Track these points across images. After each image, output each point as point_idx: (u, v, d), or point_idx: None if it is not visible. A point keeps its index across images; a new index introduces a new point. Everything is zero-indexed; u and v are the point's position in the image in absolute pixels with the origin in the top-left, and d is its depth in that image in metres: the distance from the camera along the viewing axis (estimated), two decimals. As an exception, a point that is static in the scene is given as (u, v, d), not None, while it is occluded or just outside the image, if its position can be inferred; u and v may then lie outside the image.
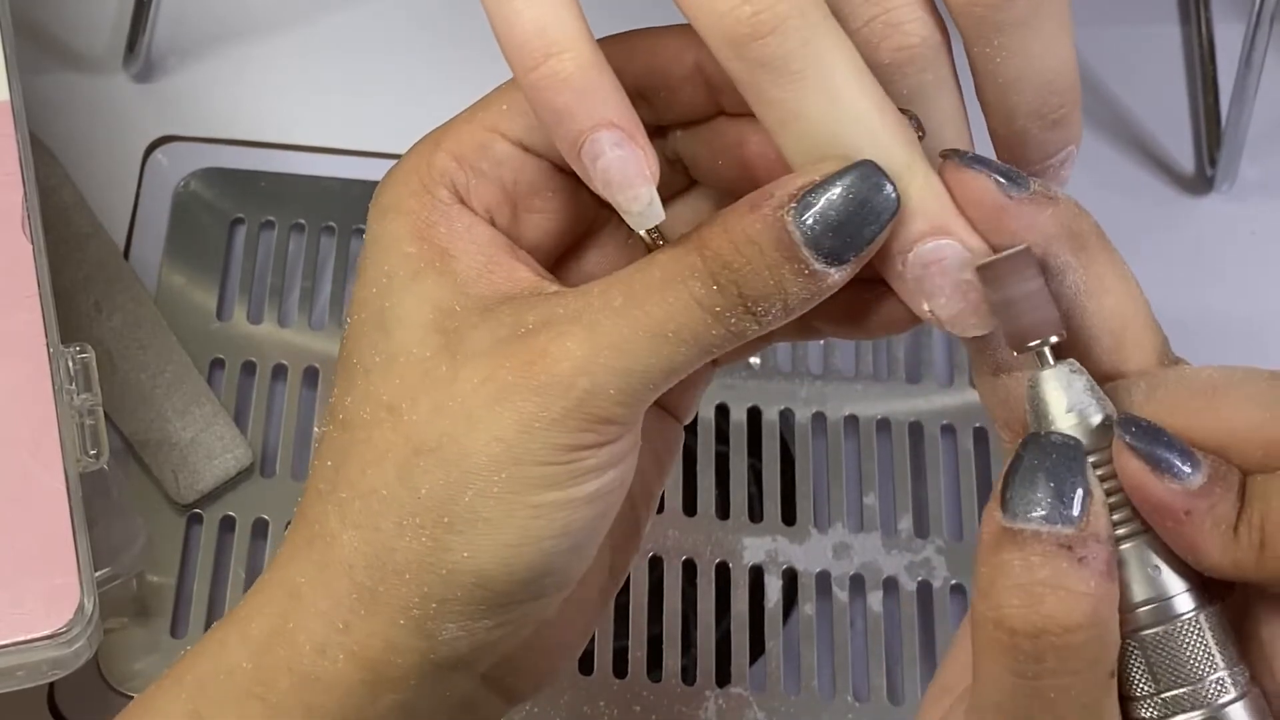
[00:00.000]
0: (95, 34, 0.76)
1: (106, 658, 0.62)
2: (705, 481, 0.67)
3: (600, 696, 0.63)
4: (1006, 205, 0.37)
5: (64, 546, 0.53)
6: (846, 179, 0.36)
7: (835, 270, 0.37)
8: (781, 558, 0.66)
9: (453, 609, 0.39)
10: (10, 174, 0.58)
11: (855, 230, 0.36)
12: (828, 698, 0.63)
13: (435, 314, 0.40)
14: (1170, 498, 0.35)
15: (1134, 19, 0.78)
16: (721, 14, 0.36)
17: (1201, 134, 0.76)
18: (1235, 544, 0.34)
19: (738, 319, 0.37)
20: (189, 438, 0.65)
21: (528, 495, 0.38)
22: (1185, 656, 0.35)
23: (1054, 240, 0.37)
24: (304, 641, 0.40)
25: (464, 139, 0.41)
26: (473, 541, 0.39)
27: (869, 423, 0.69)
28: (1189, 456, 0.35)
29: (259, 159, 0.73)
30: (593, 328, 0.38)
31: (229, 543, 0.65)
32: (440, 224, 0.41)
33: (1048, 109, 0.38)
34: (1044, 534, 0.34)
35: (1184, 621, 0.35)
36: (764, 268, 0.37)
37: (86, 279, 0.68)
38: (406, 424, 0.39)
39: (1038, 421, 0.36)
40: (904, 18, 0.37)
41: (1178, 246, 0.73)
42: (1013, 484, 0.34)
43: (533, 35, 0.37)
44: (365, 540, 0.40)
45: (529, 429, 0.38)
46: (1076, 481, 0.34)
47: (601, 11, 0.40)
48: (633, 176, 0.37)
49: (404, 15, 0.77)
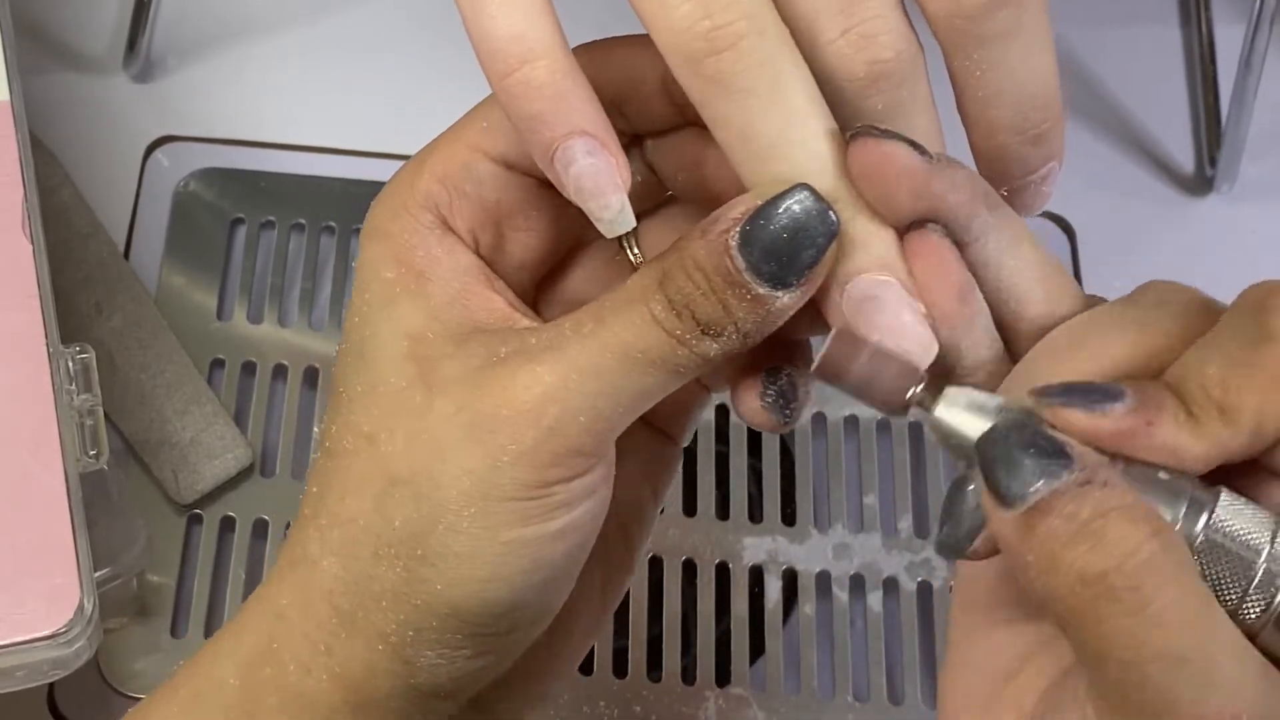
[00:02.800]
0: (95, 34, 0.76)
1: (106, 658, 0.62)
2: (705, 481, 0.67)
3: (600, 696, 0.63)
4: (931, 170, 0.37)
5: (64, 546, 0.53)
6: (784, 203, 0.36)
7: (783, 294, 0.37)
8: (781, 558, 0.66)
9: (429, 637, 0.39)
10: (10, 174, 0.58)
11: (793, 254, 0.36)
12: (828, 698, 0.63)
13: (409, 342, 0.40)
14: (1127, 421, 0.35)
15: (1134, 19, 0.78)
16: (678, 30, 0.36)
17: (1201, 134, 0.76)
18: (1201, 425, 0.35)
19: (697, 340, 0.37)
20: (189, 438, 0.65)
21: (497, 531, 0.38)
22: (1243, 526, 0.35)
23: (975, 200, 0.37)
24: (289, 661, 0.40)
25: (447, 159, 0.41)
26: (444, 574, 0.39)
27: (869, 423, 0.69)
28: (1107, 387, 0.35)
29: (259, 159, 0.73)
30: (562, 353, 0.38)
31: (229, 543, 0.65)
32: (419, 247, 0.41)
33: (1029, 124, 0.38)
34: (1060, 488, 0.33)
35: (1221, 501, 0.35)
36: (710, 292, 0.37)
37: (86, 279, 0.68)
38: (383, 454, 0.39)
39: (964, 446, 0.36)
40: (878, 29, 0.37)
41: (1178, 246, 0.73)
42: (997, 479, 0.34)
43: (507, 42, 0.37)
44: (344, 567, 0.40)
45: (497, 464, 0.38)
46: (1047, 438, 0.34)
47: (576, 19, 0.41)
48: (604, 184, 0.38)
49: (404, 15, 0.77)
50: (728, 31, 0.36)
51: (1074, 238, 0.71)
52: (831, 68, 0.37)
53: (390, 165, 0.43)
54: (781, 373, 0.41)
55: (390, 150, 0.71)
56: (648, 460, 0.45)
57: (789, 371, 0.41)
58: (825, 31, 0.37)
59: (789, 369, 0.41)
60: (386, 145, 0.72)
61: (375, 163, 0.72)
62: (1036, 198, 0.40)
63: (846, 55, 0.37)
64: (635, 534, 0.45)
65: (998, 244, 0.37)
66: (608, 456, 0.40)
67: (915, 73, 0.38)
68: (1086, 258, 0.71)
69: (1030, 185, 0.39)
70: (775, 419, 0.40)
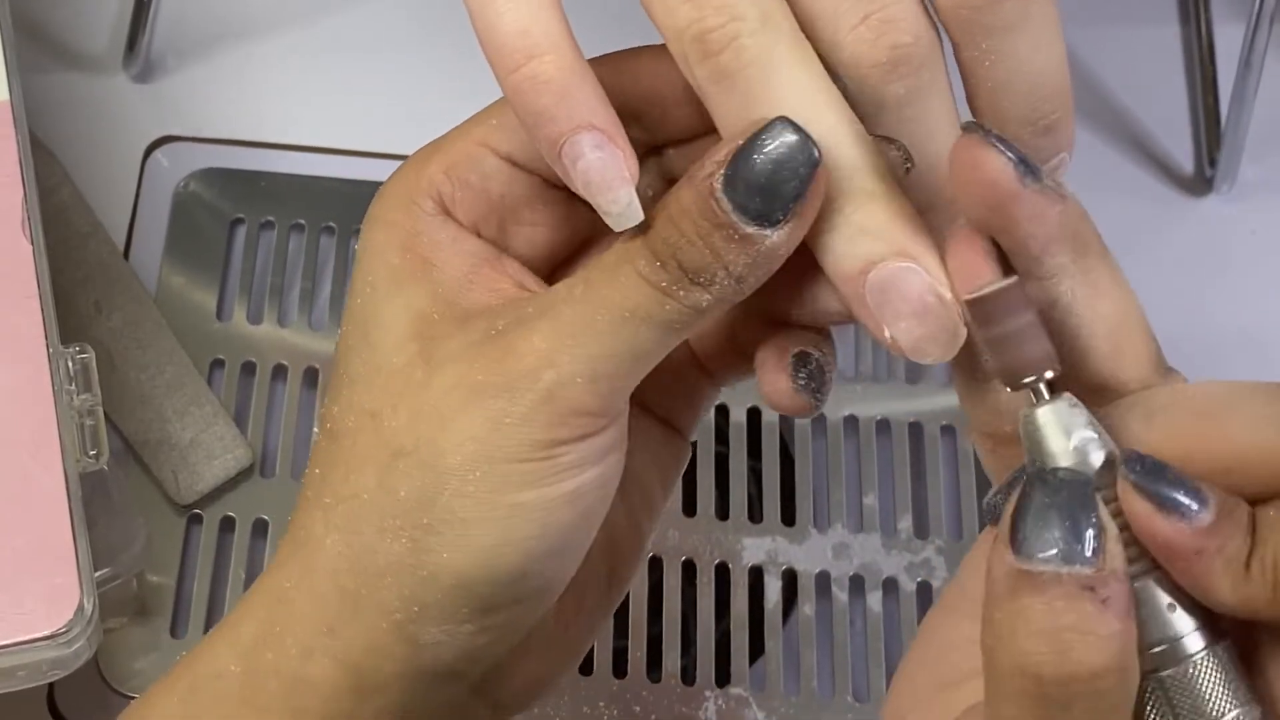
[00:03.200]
0: (95, 34, 0.76)
1: (106, 658, 0.62)
2: (705, 482, 0.67)
3: (600, 696, 0.63)
4: (1019, 192, 0.35)
5: (64, 546, 0.53)
6: (763, 137, 0.36)
7: (772, 232, 0.36)
8: (781, 558, 0.66)
9: (434, 613, 0.39)
10: (10, 174, 0.58)
11: (776, 188, 0.36)
12: (828, 698, 0.63)
13: (415, 322, 0.40)
14: (1180, 537, 0.34)
15: (1134, 19, 0.78)
16: (679, 32, 0.37)
17: (1201, 134, 0.76)
18: (1247, 582, 0.33)
19: (686, 291, 0.37)
20: (189, 438, 0.65)
21: (504, 494, 0.38)
22: (1205, 694, 0.34)
23: (1055, 240, 0.36)
24: (290, 645, 0.40)
25: (454, 152, 0.42)
26: (451, 543, 0.39)
27: (868, 423, 0.69)
28: (1196, 493, 0.34)
29: (259, 159, 0.73)
30: (555, 319, 0.38)
31: (229, 543, 0.65)
32: (424, 234, 0.41)
33: (1038, 114, 0.38)
34: (1064, 575, 0.32)
35: (1201, 659, 0.34)
36: (696, 237, 0.37)
37: (86, 279, 0.68)
38: (387, 429, 0.39)
39: (1038, 458, 0.35)
40: (897, 15, 0.37)
41: (1178, 247, 0.73)
42: (1024, 523, 0.33)
43: (514, 37, 0.37)
44: (347, 544, 0.40)
45: (499, 425, 0.38)
46: (1091, 519, 0.33)
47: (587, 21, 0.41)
48: (612, 178, 0.38)
49: (404, 15, 0.77)
50: (721, 33, 0.36)
51: (1074, 238, 0.71)
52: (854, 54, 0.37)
53: (390, 165, 0.43)
54: (811, 356, 0.41)
55: (390, 150, 0.71)
56: (656, 452, 0.45)
57: (818, 355, 0.41)
58: (846, 18, 0.37)
59: (817, 352, 0.41)
60: (386, 145, 0.72)
61: (375, 163, 0.72)
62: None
63: (868, 40, 0.37)
64: (645, 525, 0.45)
65: (1071, 291, 0.36)
66: (618, 422, 0.40)
67: (934, 58, 0.37)
68: (1086, 258, 0.71)
69: None
70: (807, 401, 0.41)
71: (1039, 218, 0.36)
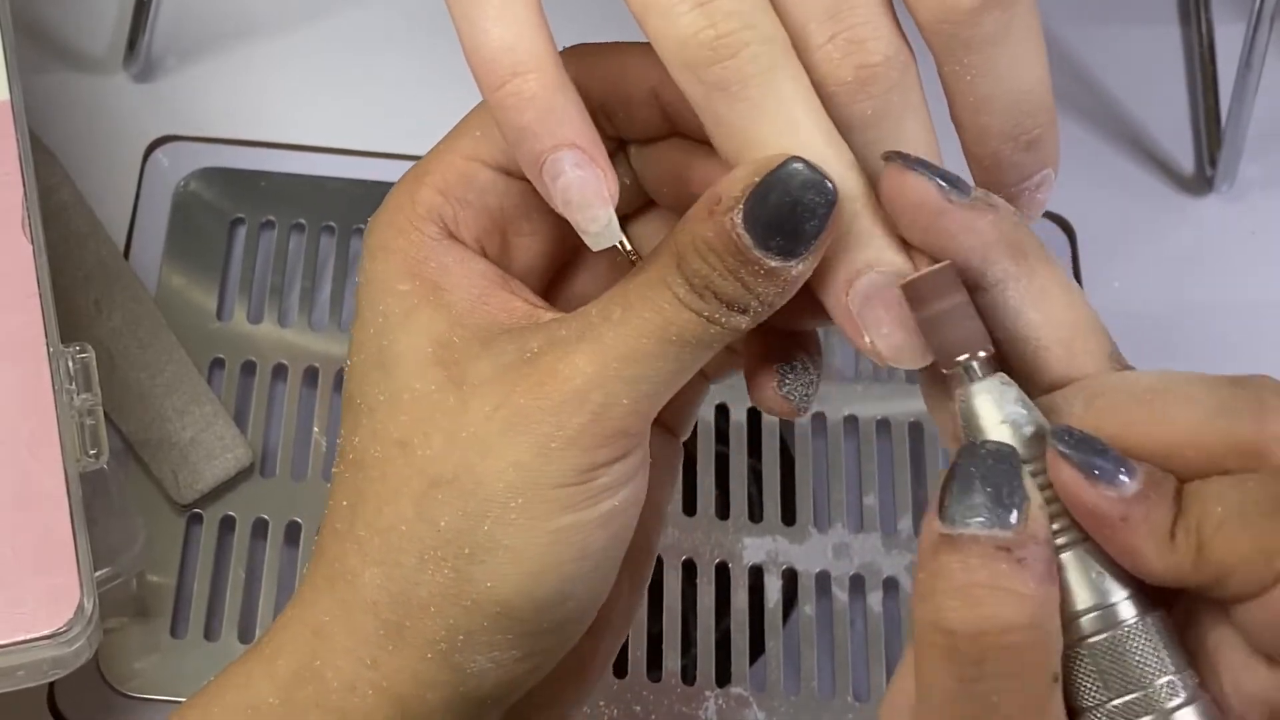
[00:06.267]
0: (95, 34, 0.76)
1: (106, 658, 0.62)
2: (705, 481, 0.67)
3: (600, 696, 0.63)
4: (946, 208, 0.36)
5: (64, 546, 0.53)
6: (780, 178, 0.37)
7: (795, 264, 0.37)
8: (781, 558, 0.66)
9: (479, 640, 0.39)
10: (10, 174, 0.58)
11: (798, 226, 0.37)
12: (828, 698, 0.63)
13: (434, 348, 0.40)
14: (1105, 504, 0.34)
15: (1134, 19, 0.78)
16: (682, 38, 0.37)
17: (1201, 134, 0.76)
18: (1172, 549, 0.34)
19: (726, 316, 0.38)
20: (189, 438, 0.65)
21: (546, 520, 0.39)
22: (1134, 661, 0.35)
23: (993, 248, 0.37)
24: (332, 678, 0.40)
25: (446, 171, 0.42)
26: (495, 571, 0.39)
27: (869, 423, 0.69)
28: (1123, 463, 0.34)
29: (259, 159, 0.73)
30: (598, 343, 0.38)
31: (229, 543, 0.65)
32: (431, 259, 0.41)
33: (1020, 130, 0.38)
34: (982, 537, 0.33)
35: (1130, 626, 0.35)
36: (727, 272, 0.37)
37: (86, 279, 0.68)
38: (420, 458, 0.39)
39: (972, 434, 0.36)
40: (866, 35, 0.37)
41: (1178, 246, 0.73)
42: (950, 491, 0.34)
43: (499, 53, 0.37)
44: (388, 576, 0.40)
45: (545, 451, 0.38)
46: (1013, 486, 0.34)
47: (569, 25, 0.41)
48: (591, 197, 0.38)
49: (404, 15, 0.77)
50: (731, 40, 0.36)
51: (1073, 237, 0.71)
52: (822, 73, 0.37)
53: (390, 165, 0.43)
54: (796, 362, 0.41)
55: (390, 150, 0.71)
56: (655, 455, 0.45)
57: (803, 360, 0.41)
58: (814, 36, 0.37)
59: (803, 357, 0.41)
60: (386, 145, 0.72)
61: (375, 163, 0.72)
62: (1031, 205, 0.40)
63: (835, 60, 0.37)
64: (652, 531, 0.46)
65: (1018, 294, 0.37)
66: (644, 442, 0.40)
67: (905, 78, 0.38)
68: (1086, 257, 0.71)
69: (1024, 193, 0.39)
70: (795, 405, 0.41)
71: (970, 230, 0.37)
